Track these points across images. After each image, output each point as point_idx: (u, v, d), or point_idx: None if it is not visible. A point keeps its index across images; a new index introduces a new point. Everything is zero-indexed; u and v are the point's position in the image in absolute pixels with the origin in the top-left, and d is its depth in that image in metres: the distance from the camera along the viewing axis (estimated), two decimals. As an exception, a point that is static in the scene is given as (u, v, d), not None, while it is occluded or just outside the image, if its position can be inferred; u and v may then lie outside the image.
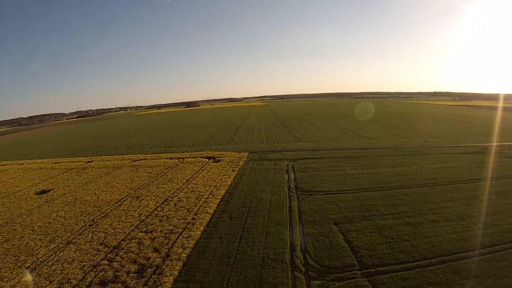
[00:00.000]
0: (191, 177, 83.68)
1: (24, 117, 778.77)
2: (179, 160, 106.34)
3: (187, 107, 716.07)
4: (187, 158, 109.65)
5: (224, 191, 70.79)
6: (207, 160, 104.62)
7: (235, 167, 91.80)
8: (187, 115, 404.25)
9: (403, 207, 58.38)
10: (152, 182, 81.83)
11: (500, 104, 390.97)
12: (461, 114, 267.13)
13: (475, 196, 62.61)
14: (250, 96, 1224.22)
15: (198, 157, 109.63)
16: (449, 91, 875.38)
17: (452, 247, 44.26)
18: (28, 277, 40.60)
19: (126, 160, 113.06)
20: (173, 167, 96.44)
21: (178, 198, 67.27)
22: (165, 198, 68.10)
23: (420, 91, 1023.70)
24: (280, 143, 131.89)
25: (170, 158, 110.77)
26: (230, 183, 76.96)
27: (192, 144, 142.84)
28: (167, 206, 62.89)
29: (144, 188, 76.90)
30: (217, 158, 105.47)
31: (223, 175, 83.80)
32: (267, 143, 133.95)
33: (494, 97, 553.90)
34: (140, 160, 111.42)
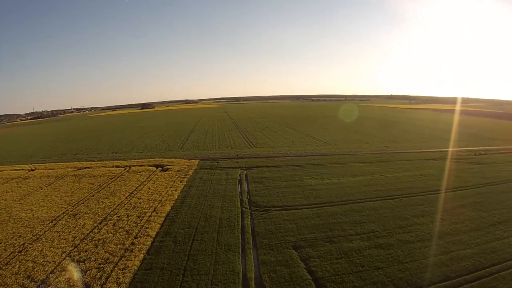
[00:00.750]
0: (135, 190, 74.09)
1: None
2: (125, 169, 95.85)
3: (142, 108, 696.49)
4: (134, 166, 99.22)
5: (170, 207, 61.56)
6: (154, 169, 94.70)
7: (184, 177, 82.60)
8: (141, 117, 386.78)
9: (371, 224, 51.47)
10: (93, 195, 71.59)
11: (458, 107, 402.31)
12: (420, 118, 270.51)
13: (448, 209, 57.23)
14: (206, 98, 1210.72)
15: (145, 165, 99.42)
16: (405, 94, 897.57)
17: (432, 274, 37.87)
18: None
19: (70, 168, 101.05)
20: (118, 177, 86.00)
21: (118, 217, 58.02)
22: (104, 216, 58.53)
23: (377, 94, 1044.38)
24: (233, 149, 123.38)
25: (116, 167, 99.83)
26: (176, 196, 67.76)
27: (141, 150, 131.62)
28: (105, 227, 53.72)
29: (83, 203, 66.82)
30: (166, 167, 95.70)
31: (170, 187, 74.55)
32: (220, 149, 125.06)
33: (450, 101, 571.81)
34: (85, 168, 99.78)
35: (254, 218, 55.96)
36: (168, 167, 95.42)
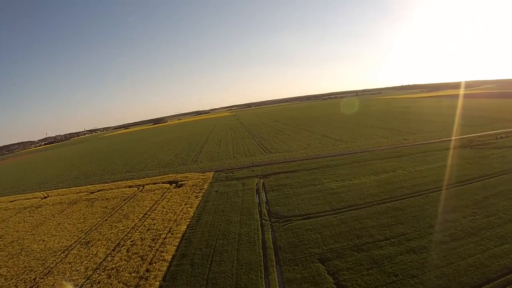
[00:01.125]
0: (149, 210, 71.98)
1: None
2: (138, 188, 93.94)
3: (154, 124, 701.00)
4: (147, 184, 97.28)
5: (185, 226, 59.12)
6: (168, 185, 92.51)
7: (199, 192, 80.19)
8: (153, 132, 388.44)
9: (400, 227, 47.94)
10: (106, 220, 69.75)
11: (469, 91, 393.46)
12: (434, 105, 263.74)
13: (478, 202, 53.43)
14: (218, 107, 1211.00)
15: (159, 183, 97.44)
16: (416, 83, 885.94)
17: (472, 278, 34.49)
18: None
19: (83, 192, 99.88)
20: (131, 198, 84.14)
21: (132, 241, 55.77)
22: (118, 241, 56.37)
23: (388, 86, 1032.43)
24: (248, 157, 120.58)
25: (130, 187, 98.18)
26: (192, 214, 65.28)
27: (155, 167, 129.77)
28: (118, 254, 51.52)
29: (96, 229, 65.01)
30: (180, 182, 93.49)
31: (185, 204, 72.10)
32: (235, 158, 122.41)
33: (460, 85, 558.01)
34: (98, 191, 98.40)
35: (275, 230, 52.89)
36: (182, 182, 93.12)
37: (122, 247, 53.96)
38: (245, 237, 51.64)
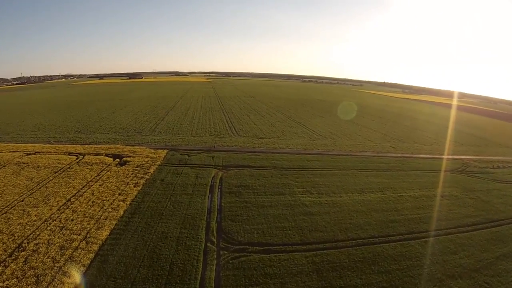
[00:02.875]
0: (76, 194, 56.63)
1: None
2: (77, 158, 77.19)
3: (129, 78, 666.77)
4: (88, 154, 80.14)
5: (108, 233, 44.24)
6: (111, 160, 76.14)
7: (142, 177, 64.52)
8: (125, 88, 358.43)
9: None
10: (23, 200, 54.26)
11: (455, 102, 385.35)
12: (420, 111, 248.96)
13: (489, 264, 41.71)
14: (197, 71, 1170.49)
15: (102, 154, 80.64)
16: (397, 82, 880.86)
17: None
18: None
19: (18, 152, 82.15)
20: (64, 171, 67.76)
21: (36, 245, 41.43)
22: (19, 243, 41.68)
23: (369, 80, 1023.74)
24: (212, 137, 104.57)
25: (69, 154, 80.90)
26: (122, 213, 49.98)
27: (108, 130, 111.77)
28: (12, 264, 37.65)
29: (6, 213, 49.80)
30: (125, 158, 76.96)
31: (119, 194, 56.61)
32: (197, 135, 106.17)
33: (443, 93, 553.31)
34: (34, 153, 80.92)
35: (221, 265, 38.06)
36: (128, 159, 77.00)
37: (20, 253, 39.79)
38: (179, 270, 36.63)
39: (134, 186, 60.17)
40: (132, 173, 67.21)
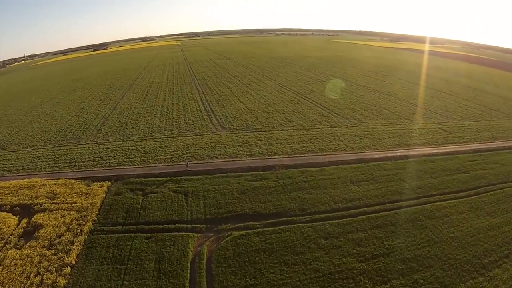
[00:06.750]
0: None
1: None
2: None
3: (94, 50, 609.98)
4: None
5: None
6: (14, 221, 41.46)
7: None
8: (84, 63, 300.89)
9: None
10: None
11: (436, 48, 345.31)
12: (429, 64, 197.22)
13: None
14: (165, 34, 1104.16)
15: (5, 206, 45.04)
16: (373, 30, 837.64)
17: None
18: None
19: None
20: None
21: None
22: None
23: (345, 29, 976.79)
24: (182, 136, 69.75)
25: None
26: None
27: (39, 138, 76.07)
28: None
29: None
30: (36, 217, 41.64)
31: None
32: (159, 137, 70.72)
33: (422, 40, 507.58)
34: None
35: None
36: (42, 217, 41.61)
37: None
38: None
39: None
40: (37, 268, 32.05)
